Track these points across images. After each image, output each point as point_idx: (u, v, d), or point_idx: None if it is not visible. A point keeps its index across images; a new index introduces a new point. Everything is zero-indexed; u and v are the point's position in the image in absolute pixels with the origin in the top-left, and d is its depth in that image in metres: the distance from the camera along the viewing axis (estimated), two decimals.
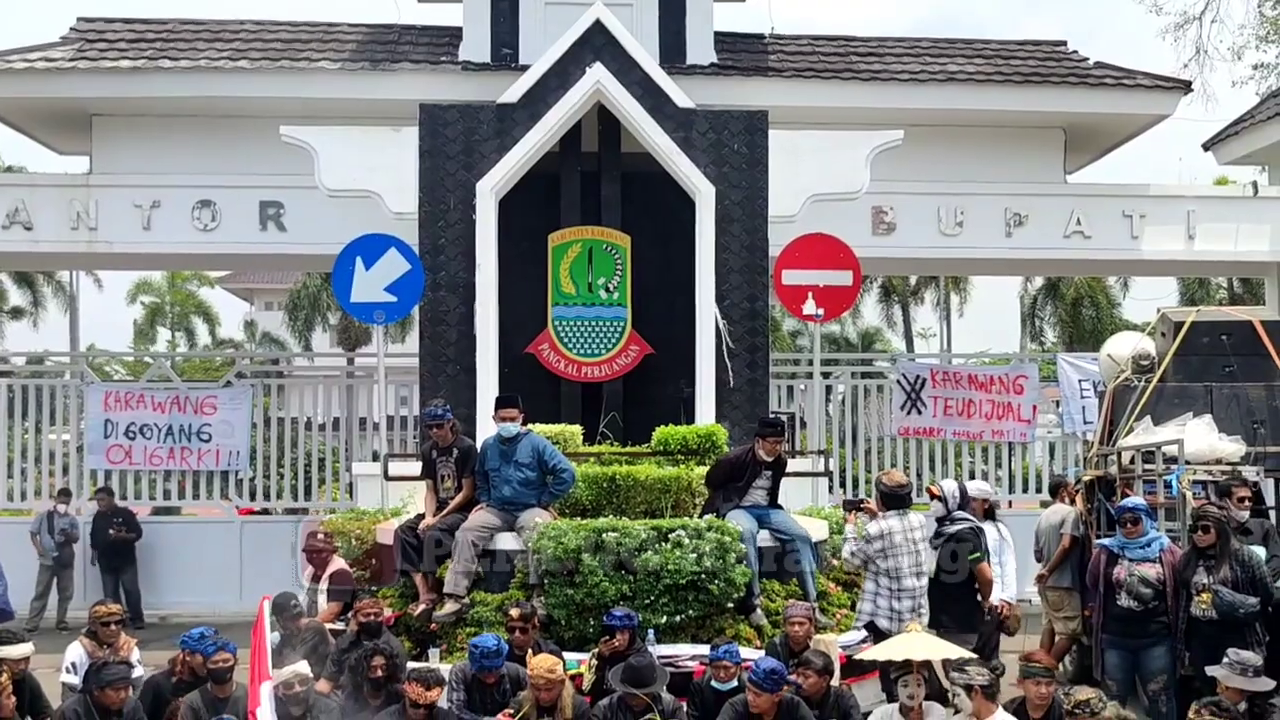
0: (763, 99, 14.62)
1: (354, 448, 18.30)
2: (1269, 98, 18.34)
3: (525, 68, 13.55)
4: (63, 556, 16.28)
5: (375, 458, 13.98)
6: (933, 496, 10.26)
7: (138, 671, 9.16)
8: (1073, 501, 12.33)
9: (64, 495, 16.80)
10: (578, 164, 13.04)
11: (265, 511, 18.09)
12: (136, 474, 17.38)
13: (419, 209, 12.78)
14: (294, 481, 17.97)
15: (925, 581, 9.64)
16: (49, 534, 16.26)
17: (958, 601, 9.88)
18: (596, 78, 12.53)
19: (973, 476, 17.99)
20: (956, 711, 8.23)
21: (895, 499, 9.66)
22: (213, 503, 17.94)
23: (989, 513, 10.59)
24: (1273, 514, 11.67)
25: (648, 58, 13.05)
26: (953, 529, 10.01)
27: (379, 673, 8.71)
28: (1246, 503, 10.27)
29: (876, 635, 9.38)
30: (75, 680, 8.97)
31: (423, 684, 8.18)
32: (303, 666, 8.48)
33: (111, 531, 16.29)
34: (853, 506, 10.27)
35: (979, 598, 9.99)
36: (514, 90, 12.93)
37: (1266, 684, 8.01)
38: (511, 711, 8.29)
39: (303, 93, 15.40)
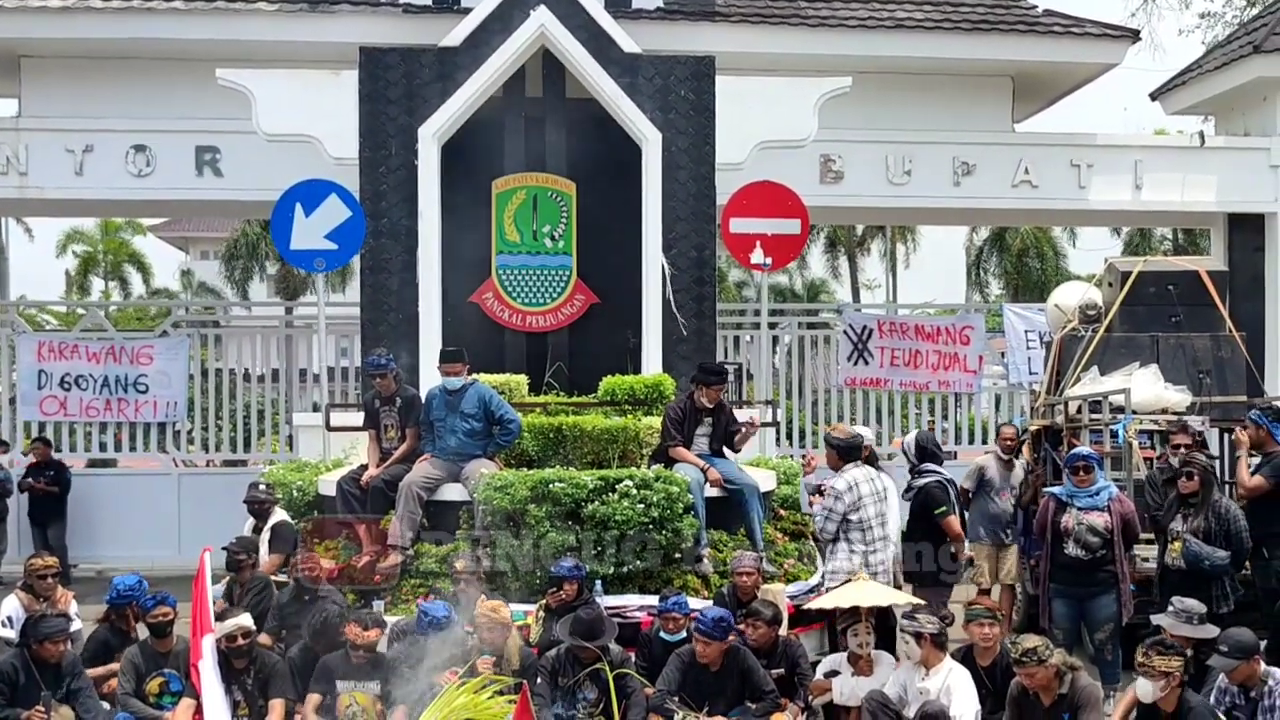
0: (710, 44, 14.40)
1: (293, 399, 18.02)
2: (1216, 47, 18.33)
3: (468, 10, 13.22)
4: None
5: (315, 409, 13.76)
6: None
7: (76, 625, 8.99)
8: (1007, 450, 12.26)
9: (2, 446, 16.43)
10: (522, 109, 12.81)
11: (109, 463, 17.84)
12: (71, 426, 17.05)
13: (359, 154, 12.54)
14: (232, 434, 17.70)
15: (889, 532, 9.48)
16: None
17: (927, 557, 9.85)
18: (541, 21, 12.28)
19: (919, 427, 18.04)
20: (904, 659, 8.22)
21: (851, 450, 9.48)
22: (150, 455, 17.64)
23: (870, 460, 10.20)
24: (1216, 464, 11.76)
25: (593, 1, 12.79)
26: (920, 482, 9.92)
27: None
28: (1183, 450, 10.32)
29: None
30: (11, 634, 8.79)
31: (360, 624, 8.14)
32: (245, 619, 8.36)
33: (30, 481, 15.96)
34: (816, 491, 10.18)
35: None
36: (456, 33, 12.67)
37: (1210, 631, 8.02)
38: (458, 670, 8.20)
39: (239, 34, 14.95)
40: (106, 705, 8.22)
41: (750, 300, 30.35)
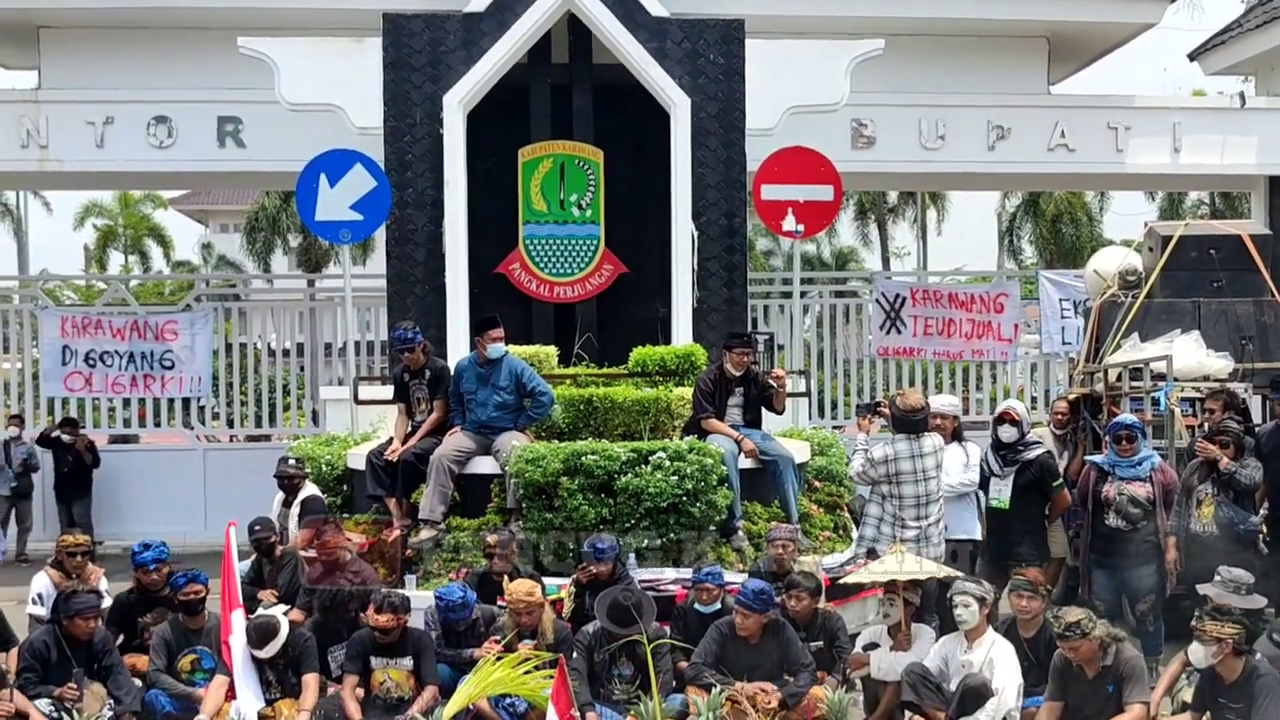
0: (739, 7, 14.11)
1: (317, 373, 17.92)
2: (1256, 6, 17.97)
3: None
4: (21, 486, 15.93)
5: (339, 383, 13.66)
6: (1006, 420, 9.65)
7: (106, 601, 8.91)
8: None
9: (17, 421, 16.37)
10: (548, 76, 12.60)
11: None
12: (95, 402, 16.97)
13: (384, 123, 12.38)
14: (256, 409, 17.62)
15: (935, 513, 9.07)
16: (6, 464, 15.89)
17: (1033, 532, 9.62)
18: None
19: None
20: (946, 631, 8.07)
21: (907, 423, 9.01)
22: (173, 430, 17.58)
23: (956, 433, 9.93)
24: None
25: None
26: (1030, 455, 9.63)
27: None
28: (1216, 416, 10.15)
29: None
30: (42, 611, 8.75)
31: (380, 609, 8.02)
32: (284, 629, 8.20)
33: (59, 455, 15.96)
34: (868, 410, 9.89)
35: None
36: None
37: (1259, 601, 7.85)
38: (499, 639, 8.10)
39: (261, 2, 14.78)
40: (138, 682, 8.13)
41: (776, 269, 30.13)
